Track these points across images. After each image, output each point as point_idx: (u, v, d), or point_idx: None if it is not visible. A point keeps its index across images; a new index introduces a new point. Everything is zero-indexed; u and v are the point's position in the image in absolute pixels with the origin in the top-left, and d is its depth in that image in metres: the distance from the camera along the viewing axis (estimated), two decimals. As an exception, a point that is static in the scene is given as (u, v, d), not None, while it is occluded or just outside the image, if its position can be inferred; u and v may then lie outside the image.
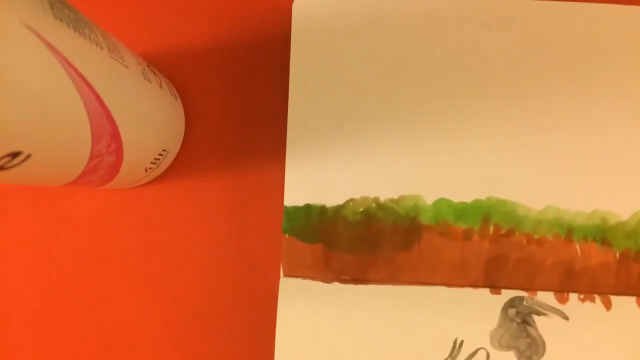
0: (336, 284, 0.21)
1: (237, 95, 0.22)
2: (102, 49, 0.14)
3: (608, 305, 0.21)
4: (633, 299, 0.21)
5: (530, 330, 0.21)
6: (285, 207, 0.21)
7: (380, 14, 0.22)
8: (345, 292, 0.21)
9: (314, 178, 0.21)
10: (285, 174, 0.21)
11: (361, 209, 0.21)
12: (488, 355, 0.21)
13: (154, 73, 0.19)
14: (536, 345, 0.21)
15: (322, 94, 0.21)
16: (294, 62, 0.21)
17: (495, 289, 0.21)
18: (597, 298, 0.21)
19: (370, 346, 0.21)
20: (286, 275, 0.21)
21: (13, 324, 0.22)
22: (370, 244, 0.21)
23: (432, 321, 0.21)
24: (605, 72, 0.21)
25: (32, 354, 0.22)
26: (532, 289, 0.21)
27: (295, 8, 0.22)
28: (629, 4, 0.22)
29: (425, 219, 0.21)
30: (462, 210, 0.21)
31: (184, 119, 0.22)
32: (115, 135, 0.15)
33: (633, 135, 0.21)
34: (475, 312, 0.21)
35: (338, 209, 0.21)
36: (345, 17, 0.22)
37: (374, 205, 0.21)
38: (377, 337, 0.21)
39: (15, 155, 0.12)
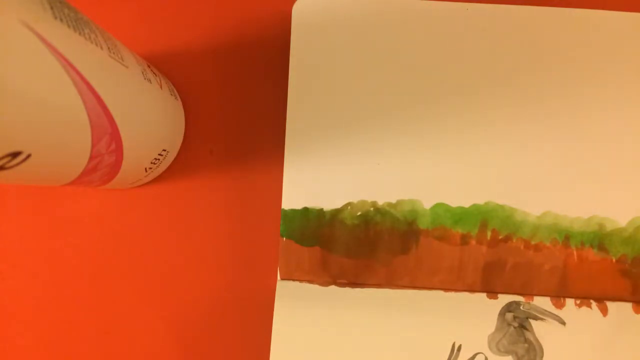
0: (333, 288, 0.21)
1: (237, 96, 0.22)
2: (102, 49, 0.14)
3: (604, 310, 0.21)
4: (629, 305, 0.21)
5: (528, 334, 0.21)
6: (283, 210, 0.21)
7: (380, 18, 0.22)
8: (343, 296, 0.21)
9: (312, 181, 0.21)
10: (284, 177, 0.21)
11: (359, 213, 0.21)
12: (485, 360, 0.21)
13: (154, 73, 0.19)
14: (534, 350, 0.21)
15: (321, 98, 0.21)
16: (293, 64, 0.21)
17: (492, 293, 0.21)
18: (594, 304, 0.21)
19: (367, 351, 0.21)
20: (283, 278, 0.21)
21: (13, 323, 0.22)
22: (367, 248, 0.21)
23: (429, 325, 0.21)
24: (604, 79, 0.21)
25: (32, 354, 0.22)
26: (529, 294, 0.21)
27: (295, 10, 0.22)
28: (629, 10, 0.22)
29: (423, 224, 0.21)
30: (460, 215, 0.21)
31: (184, 119, 0.22)
32: (115, 135, 0.15)
33: (631, 141, 0.21)
34: (473, 316, 0.21)
35: (336, 212, 0.21)
36: (344, 20, 0.22)
37: (371, 209, 0.21)
38: (374, 342, 0.21)
39: (15, 155, 0.12)
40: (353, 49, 0.22)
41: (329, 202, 0.21)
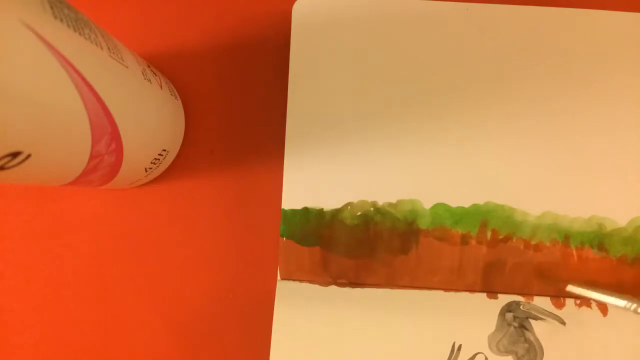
0: (333, 288, 0.21)
1: (237, 95, 0.22)
2: (102, 49, 0.14)
3: (604, 310, 0.21)
4: (630, 305, 0.21)
5: (528, 334, 0.21)
6: (283, 210, 0.21)
7: (379, 18, 0.22)
8: (343, 296, 0.21)
9: (312, 181, 0.21)
10: (284, 177, 0.21)
11: (359, 213, 0.21)
12: (485, 360, 0.21)
13: (154, 73, 0.19)
14: (534, 350, 0.21)
15: (321, 98, 0.21)
16: (293, 64, 0.22)
17: (492, 293, 0.21)
18: (594, 304, 0.21)
19: (367, 350, 0.21)
20: (283, 278, 0.21)
21: (13, 323, 0.22)
22: (367, 248, 0.21)
23: (429, 325, 0.21)
24: (604, 79, 0.21)
25: (32, 353, 0.22)
26: (529, 293, 0.21)
27: (295, 10, 0.22)
28: (627, 10, 0.22)
29: (423, 224, 0.21)
30: (460, 215, 0.21)
31: (184, 119, 0.22)
32: (115, 135, 0.15)
33: (631, 142, 0.21)
34: (473, 316, 0.21)
35: (336, 212, 0.21)
36: (344, 20, 0.22)
37: (372, 209, 0.21)
38: (374, 342, 0.21)
39: (15, 155, 0.12)
40: (353, 49, 0.22)
41: (329, 202, 0.21)
